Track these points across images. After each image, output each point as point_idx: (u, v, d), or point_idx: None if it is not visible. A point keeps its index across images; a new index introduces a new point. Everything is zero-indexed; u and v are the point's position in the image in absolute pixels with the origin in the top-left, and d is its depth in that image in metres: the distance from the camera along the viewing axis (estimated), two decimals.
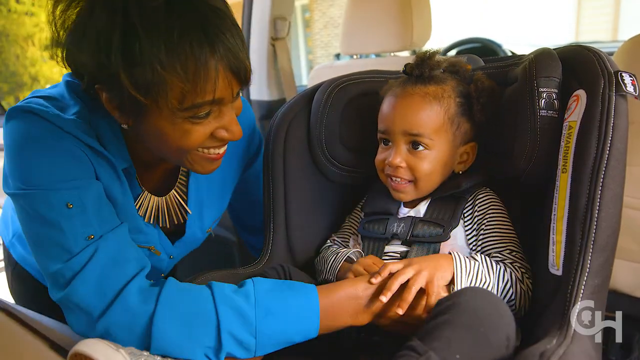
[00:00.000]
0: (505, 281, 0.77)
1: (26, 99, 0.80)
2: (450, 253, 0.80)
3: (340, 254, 0.92)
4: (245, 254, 1.71)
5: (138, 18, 0.64)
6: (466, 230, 0.87)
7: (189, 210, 0.96)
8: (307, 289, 0.77)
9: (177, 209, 0.96)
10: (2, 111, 2.39)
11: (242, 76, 0.72)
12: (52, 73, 6.59)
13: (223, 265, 0.88)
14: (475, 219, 0.86)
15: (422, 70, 0.87)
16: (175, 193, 0.95)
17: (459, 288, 0.75)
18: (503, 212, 0.87)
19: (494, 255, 0.82)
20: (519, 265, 0.80)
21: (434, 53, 0.89)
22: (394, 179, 0.88)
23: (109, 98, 0.72)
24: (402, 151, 0.86)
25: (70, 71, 0.77)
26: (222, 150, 0.81)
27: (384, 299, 0.73)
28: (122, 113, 0.73)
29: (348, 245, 0.99)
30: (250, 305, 0.73)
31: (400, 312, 0.72)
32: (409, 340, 0.64)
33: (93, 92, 0.74)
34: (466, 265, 0.77)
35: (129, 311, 0.70)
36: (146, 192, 0.91)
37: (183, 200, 0.96)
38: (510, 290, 0.77)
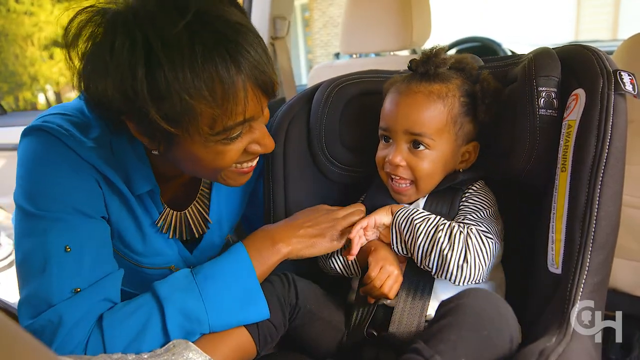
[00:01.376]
0: (439, 228, 0.80)
1: (47, 115, 0.78)
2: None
3: None
4: None
5: (160, 48, 0.62)
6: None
7: (210, 221, 0.96)
8: (233, 248, 0.83)
9: (199, 221, 0.96)
10: (1, 111, 2.39)
11: (270, 90, 0.71)
12: (51, 73, 6.58)
13: None
14: (461, 206, 0.87)
15: (428, 67, 0.85)
16: (197, 205, 0.95)
17: (392, 231, 0.85)
18: (486, 201, 0.86)
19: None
20: (469, 227, 0.81)
21: (441, 50, 0.87)
22: (393, 178, 0.88)
23: (137, 128, 0.71)
24: (402, 150, 0.86)
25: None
26: (254, 162, 0.81)
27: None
28: (152, 141, 0.72)
29: None
30: (188, 278, 0.77)
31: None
32: (414, 343, 0.64)
33: (117, 123, 0.73)
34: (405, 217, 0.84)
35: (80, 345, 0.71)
36: (168, 209, 0.90)
37: (205, 212, 0.96)
38: (440, 235, 0.79)
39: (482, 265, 0.78)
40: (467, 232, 0.79)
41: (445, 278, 0.79)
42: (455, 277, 0.78)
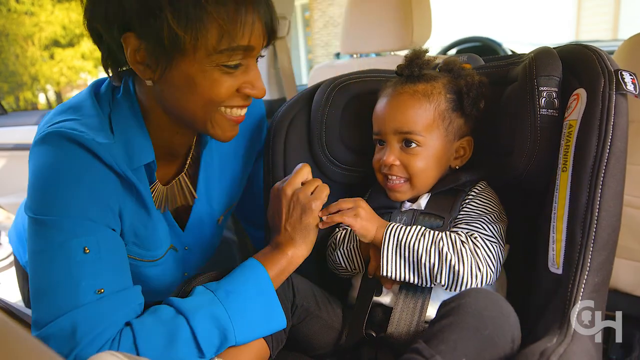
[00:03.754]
0: (442, 242, 0.79)
1: (60, 122, 0.78)
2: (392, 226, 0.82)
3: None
4: (246, 253, 1.71)
5: None
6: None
7: (195, 195, 0.96)
8: (249, 263, 0.82)
9: (184, 194, 0.96)
10: (2, 111, 2.39)
11: (273, 31, 0.77)
12: (51, 72, 6.58)
13: (223, 265, 0.87)
14: (464, 207, 0.87)
15: (412, 69, 0.89)
16: (184, 178, 0.96)
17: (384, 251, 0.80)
18: (489, 203, 0.86)
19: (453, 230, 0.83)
20: (472, 234, 0.80)
21: (423, 52, 0.90)
22: (389, 178, 0.89)
23: (138, 48, 0.72)
24: (395, 150, 0.88)
25: (90, 35, 0.77)
26: (243, 112, 0.83)
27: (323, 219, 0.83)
28: (149, 65, 0.73)
29: None
30: (208, 294, 0.76)
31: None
32: (414, 343, 0.64)
33: (115, 51, 0.74)
34: (394, 235, 0.81)
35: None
36: (157, 183, 0.91)
37: (191, 186, 0.97)
38: (445, 250, 0.78)
39: (492, 270, 0.79)
40: (472, 241, 0.79)
41: (458, 290, 0.79)
42: (469, 286, 0.78)
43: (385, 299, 0.85)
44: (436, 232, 0.81)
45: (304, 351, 0.90)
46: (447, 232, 0.81)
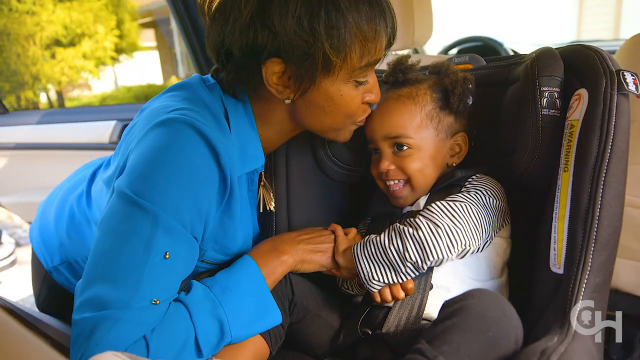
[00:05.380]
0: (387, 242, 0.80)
1: (174, 108, 0.74)
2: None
3: None
4: None
5: None
6: None
7: (272, 201, 0.99)
8: (242, 260, 0.83)
9: (269, 195, 0.99)
10: (3, 110, 2.39)
11: (393, 39, 0.80)
12: (53, 72, 6.59)
13: None
14: None
15: (396, 75, 0.92)
16: (265, 182, 0.99)
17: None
18: (482, 188, 0.84)
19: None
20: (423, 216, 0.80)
21: (405, 57, 0.93)
22: (389, 183, 0.89)
23: (282, 71, 0.74)
24: (388, 155, 0.89)
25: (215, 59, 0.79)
26: (364, 116, 0.86)
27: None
28: (288, 86, 0.76)
29: None
30: (205, 290, 0.76)
31: None
32: (417, 343, 0.64)
33: (246, 74, 0.76)
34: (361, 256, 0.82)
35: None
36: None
37: (270, 186, 1.00)
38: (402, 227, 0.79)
39: (461, 228, 0.77)
40: (427, 209, 0.80)
41: (438, 259, 0.77)
42: (445, 254, 0.76)
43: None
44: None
45: (303, 350, 0.91)
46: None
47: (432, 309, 0.80)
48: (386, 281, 0.80)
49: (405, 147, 0.87)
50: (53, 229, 1.03)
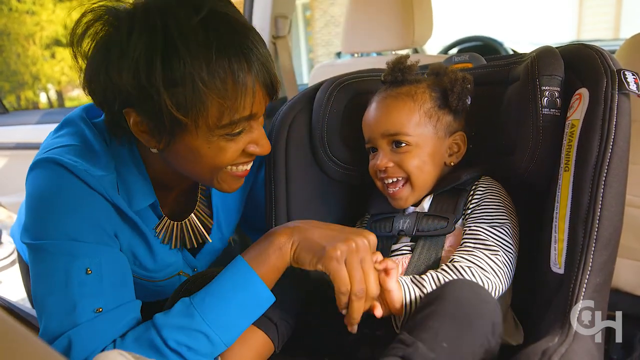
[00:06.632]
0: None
1: (52, 149, 0.78)
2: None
3: None
4: None
5: (178, 36, 0.64)
6: (464, 220, 0.86)
7: (208, 238, 0.97)
8: (233, 262, 0.76)
9: (200, 230, 0.97)
10: (3, 110, 2.39)
11: (273, 90, 0.74)
12: (53, 72, 6.59)
13: (224, 264, 0.87)
14: (470, 207, 0.86)
15: (395, 75, 0.91)
16: (198, 213, 0.96)
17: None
18: (498, 200, 0.85)
19: (461, 249, 0.81)
20: (477, 256, 0.78)
21: (404, 57, 0.92)
22: (387, 182, 0.89)
23: (140, 121, 0.72)
24: (387, 152, 0.88)
25: (90, 99, 0.76)
26: (249, 166, 0.82)
27: None
28: (153, 136, 0.73)
29: None
30: (184, 305, 0.72)
31: None
32: (399, 334, 0.65)
33: (117, 120, 0.74)
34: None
35: None
36: (166, 219, 0.91)
37: (206, 220, 0.97)
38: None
39: (499, 280, 0.76)
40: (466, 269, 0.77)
41: None
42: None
43: None
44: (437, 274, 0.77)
45: (303, 349, 0.90)
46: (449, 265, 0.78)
47: None
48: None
49: (403, 144, 0.87)
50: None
